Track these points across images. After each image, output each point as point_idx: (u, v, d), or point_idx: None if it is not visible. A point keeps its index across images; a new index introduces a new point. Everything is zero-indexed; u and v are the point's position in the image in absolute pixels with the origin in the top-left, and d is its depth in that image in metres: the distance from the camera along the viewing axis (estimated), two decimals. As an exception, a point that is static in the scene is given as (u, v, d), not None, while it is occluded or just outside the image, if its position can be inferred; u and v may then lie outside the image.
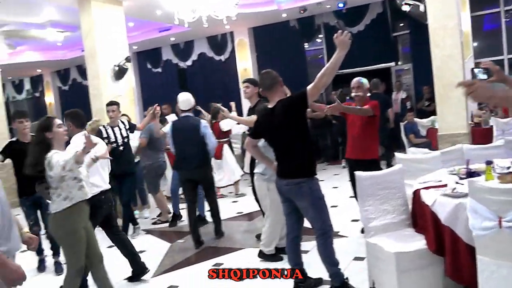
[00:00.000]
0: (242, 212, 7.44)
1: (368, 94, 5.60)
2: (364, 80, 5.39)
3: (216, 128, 8.13)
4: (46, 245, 5.63)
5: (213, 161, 7.71)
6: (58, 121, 3.85)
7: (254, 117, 4.74)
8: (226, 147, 8.63)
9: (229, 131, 8.51)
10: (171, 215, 7.30)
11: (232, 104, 6.86)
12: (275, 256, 5.01)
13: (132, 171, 6.60)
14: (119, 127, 6.48)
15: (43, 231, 5.79)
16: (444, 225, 3.35)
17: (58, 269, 5.53)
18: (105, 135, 6.26)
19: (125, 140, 6.46)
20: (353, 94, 5.47)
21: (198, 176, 5.96)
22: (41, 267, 5.69)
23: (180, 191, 6.94)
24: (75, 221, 3.82)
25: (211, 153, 6.06)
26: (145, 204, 8.05)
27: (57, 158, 3.62)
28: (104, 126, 6.42)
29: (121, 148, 6.38)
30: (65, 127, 3.99)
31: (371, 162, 5.11)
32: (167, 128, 6.30)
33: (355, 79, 5.40)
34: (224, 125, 8.24)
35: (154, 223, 7.44)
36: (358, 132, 5.23)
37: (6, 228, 2.47)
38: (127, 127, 6.55)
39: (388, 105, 9.46)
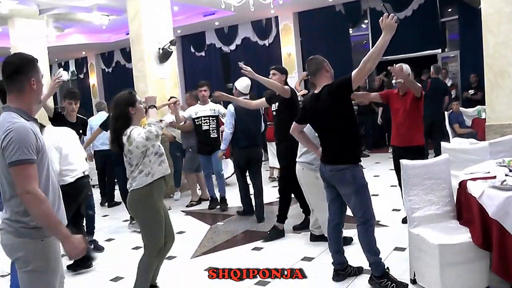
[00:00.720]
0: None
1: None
2: (405, 66, 5.24)
3: (270, 112, 8.19)
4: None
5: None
6: (138, 97, 3.85)
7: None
8: None
9: None
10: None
11: None
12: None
13: None
14: None
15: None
16: (492, 218, 3.24)
17: (97, 247, 5.59)
18: None
19: None
20: (394, 81, 5.36)
21: (255, 155, 6.26)
22: None
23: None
24: (155, 198, 3.76)
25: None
26: (178, 186, 8.15)
27: (137, 131, 3.59)
28: None
29: None
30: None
31: (416, 149, 5.01)
32: (188, 113, 6.94)
33: (397, 65, 5.27)
34: None
35: (187, 206, 7.52)
36: (402, 119, 5.14)
37: (56, 204, 2.55)
38: None
39: (446, 92, 9.31)
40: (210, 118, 6.94)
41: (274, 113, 5.68)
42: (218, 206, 7.11)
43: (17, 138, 2.33)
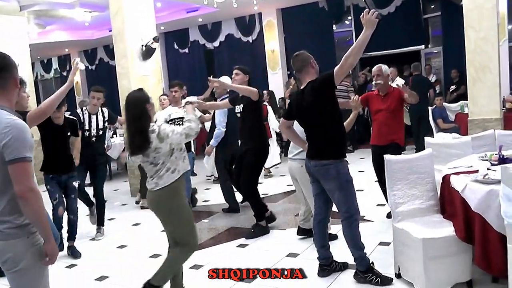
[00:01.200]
0: (267, 194, 7.42)
1: (399, 81, 5.54)
2: (384, 67, 5.30)
3: (264, 109, 8.40)
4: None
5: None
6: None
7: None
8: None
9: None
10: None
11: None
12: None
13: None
14: (97, 116, 6.04)
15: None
16: (475, 212, 3.28)
17: (75, 253, 5.35)
18: (81, 120, 5.94)
19: (100, 132, 6.03)
20: (374, 83, 5.42)
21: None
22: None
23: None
24: (182, 194, 3.70)
25: None
26: None
27: (169, 128, 3.51)
28: (82, 110, 6.07)
29: (93, 139, 5.95)
30: None
31: (396, 147, 5.07)
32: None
33: (376, 67, 5.33)
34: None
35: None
36: (385, 118, 5.22)
37: None
38: (106, 118, 6.16)
39: (429, 85, 9.79)
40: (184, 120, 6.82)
41: (239, 114, 5.68)
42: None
43: (18, 135, 2.31)
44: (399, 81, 10.03)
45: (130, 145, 3.58)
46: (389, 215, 5.21)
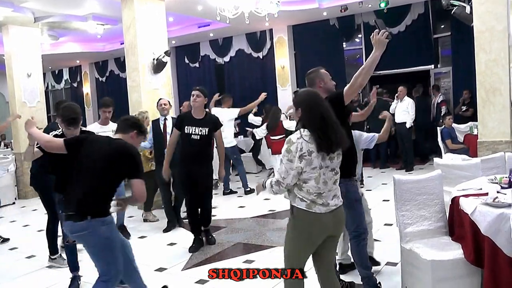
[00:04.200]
0: (274, 210, 7.41)
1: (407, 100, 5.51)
2: None
3: (280, 125, 8.72)
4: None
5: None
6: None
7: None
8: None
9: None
10: None
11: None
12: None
13: None
14: None
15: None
16: (484, 235, 3.25)
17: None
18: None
19: None
20: None
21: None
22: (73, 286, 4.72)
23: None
24: None
25: None
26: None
27: None
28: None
29: None
30: None
31: None
32: None
33: None
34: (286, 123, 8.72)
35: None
36: None
37: None
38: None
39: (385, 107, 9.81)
40: None
41: (198, 137, 5.65)
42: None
43: None
44: (407, 101, 10.06)
45: None
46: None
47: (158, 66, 8.52)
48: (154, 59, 8.47)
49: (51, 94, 19.82)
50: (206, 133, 5.65)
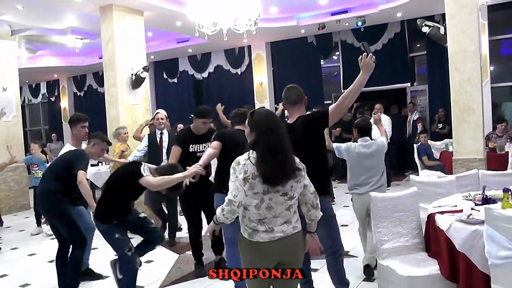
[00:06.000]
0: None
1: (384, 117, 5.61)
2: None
3: None
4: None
5: None
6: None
7: None
8: None
9: None
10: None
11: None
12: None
13: None
14: None
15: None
16: (459, 251, 3.31)
17: None
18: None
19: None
20: None
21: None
22: None
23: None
24: None
25: None
26: None
27: None
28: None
29: None
30: None
31: None
32: None
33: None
34: None
35: None
36: None
37: None
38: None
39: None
40: None
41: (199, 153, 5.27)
42: None
43: None
44: (383, 118, 10.18)
45: None
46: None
47: (137, 82, 8.51)
48: (132, 74, 8.46)
49: (28, 108, 19.58)
50: None
